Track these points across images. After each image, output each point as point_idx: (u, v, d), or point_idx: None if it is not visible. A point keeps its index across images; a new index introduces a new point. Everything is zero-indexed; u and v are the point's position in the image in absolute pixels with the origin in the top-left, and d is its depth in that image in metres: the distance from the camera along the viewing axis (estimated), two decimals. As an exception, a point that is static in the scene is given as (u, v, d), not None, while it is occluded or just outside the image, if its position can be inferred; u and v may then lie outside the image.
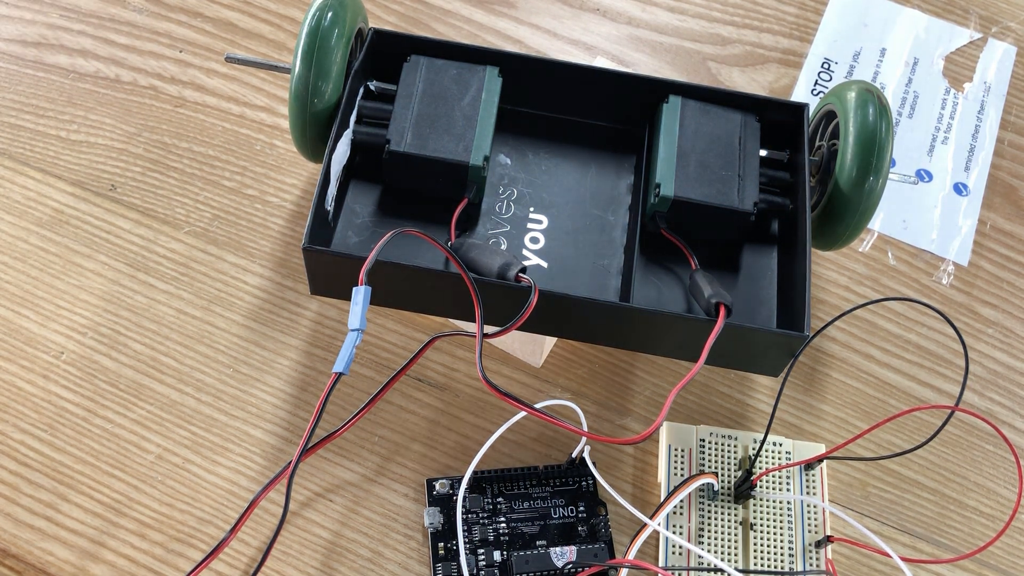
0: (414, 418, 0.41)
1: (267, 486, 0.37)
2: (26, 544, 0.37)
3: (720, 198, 0.40)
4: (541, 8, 0.54)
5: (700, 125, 0.42)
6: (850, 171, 0.39)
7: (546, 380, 0.42)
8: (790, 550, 0.38)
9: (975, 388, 0.44)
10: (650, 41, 0.54)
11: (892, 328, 0.45)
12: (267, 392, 0.41)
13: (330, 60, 0.39)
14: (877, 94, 0.40)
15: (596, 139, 0.44)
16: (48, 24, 0.50)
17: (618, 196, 0.43)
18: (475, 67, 0.42)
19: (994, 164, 0.51)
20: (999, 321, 0.46)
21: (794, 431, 0.42)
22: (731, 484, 0.39)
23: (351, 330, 0.34)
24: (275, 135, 0.48)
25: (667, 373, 0.43)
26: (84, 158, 0.46)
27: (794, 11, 0.56)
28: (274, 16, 0.52)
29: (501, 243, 0.41)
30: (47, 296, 0.42)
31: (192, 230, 0.45)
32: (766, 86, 0.53)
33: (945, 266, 0.48)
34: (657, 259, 0.41)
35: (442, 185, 0.40)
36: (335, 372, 0.34)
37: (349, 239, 0.40)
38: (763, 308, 0.40)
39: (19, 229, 0.44)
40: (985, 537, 0.41)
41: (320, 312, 0.43)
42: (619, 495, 0.37)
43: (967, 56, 0.55)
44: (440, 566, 0.37)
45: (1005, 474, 0.42)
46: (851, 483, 0.41)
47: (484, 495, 0.38)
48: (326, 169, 0.38)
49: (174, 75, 0.49)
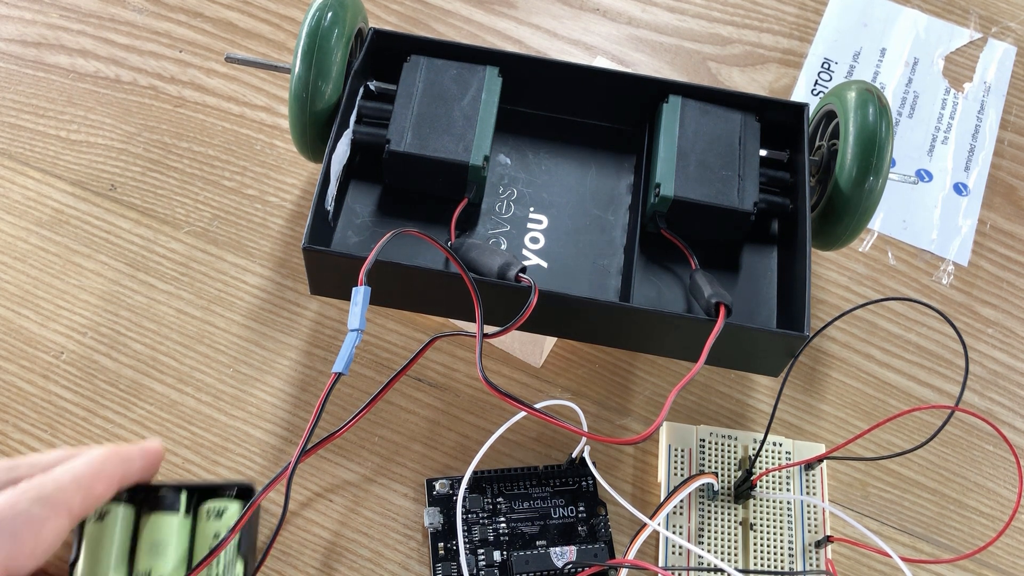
0: (414, 418, 0.41)
1: (268, 486, 0.37)
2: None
3: (720, 198, 0.40)
4: (541, 8, 0.54)
5: (700, 125, 0.42)
6: (850, 171, 0.39)
7: (546, 380, 0.42)
8: (790, 550, 0.38)
9: (975, 388, 0.44)
10: (650, 41, 0.54)
11: (892, 328, 0.45)
12: (267, 392, 0.41)
13: (330, 60, 0.39)
14: (877, 94, 0.40)
15: (596, 139, 0.44)
16: (48, 24, 0.50)
17: (618, 196, 0.43)
18: (475, 67, 0.42)
19: (994, 164, 0.51)
20: (999, 321, 0.46)
21: (794, 431, 0.42)
22: (731, 484, 0.39)
23: (351, 330, 0.34)
24: (275, 135, 0.48)
25: (667, 373, 0.43)
26: (84, 158, 0.46)
27: (794, 11, 0.56)
28: (274, 16, 0.52)
29: (501, 243, 0.41)
30: (47, 296, 0.42)
31: (192, 230, 0.45)
32: (766, 86, 0.53)
33: (945, 266, 0.48)
34: (657, 259, 0.41)
35: (442, 185, 0.40)
36: (335, 372, 0.34)
37: (349, 239, 0.40)
38: (763, 308, 0.40)
39: (19, 229, 0.44)
40: (985, 537, 0.41)
41: (320, 312, 0.43)
42: (619, 495, 0.37)
43: (967, 56, 0.55)
44: (440, 566, 0.37)
45: (1005, 474, 0.42)
46: (851, 483, 0.41)
47: (484, 495, 0.38)
48: (326, 169, 0.38)
49: (174, 75, 0.49)
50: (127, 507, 0.34)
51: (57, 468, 0.31)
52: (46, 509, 0.29)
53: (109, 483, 0.32)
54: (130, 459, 0.33)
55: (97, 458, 0.32)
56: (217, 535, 0.34)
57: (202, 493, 0.35)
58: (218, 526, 0.34)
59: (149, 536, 0.33)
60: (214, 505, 0.34)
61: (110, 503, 0.33)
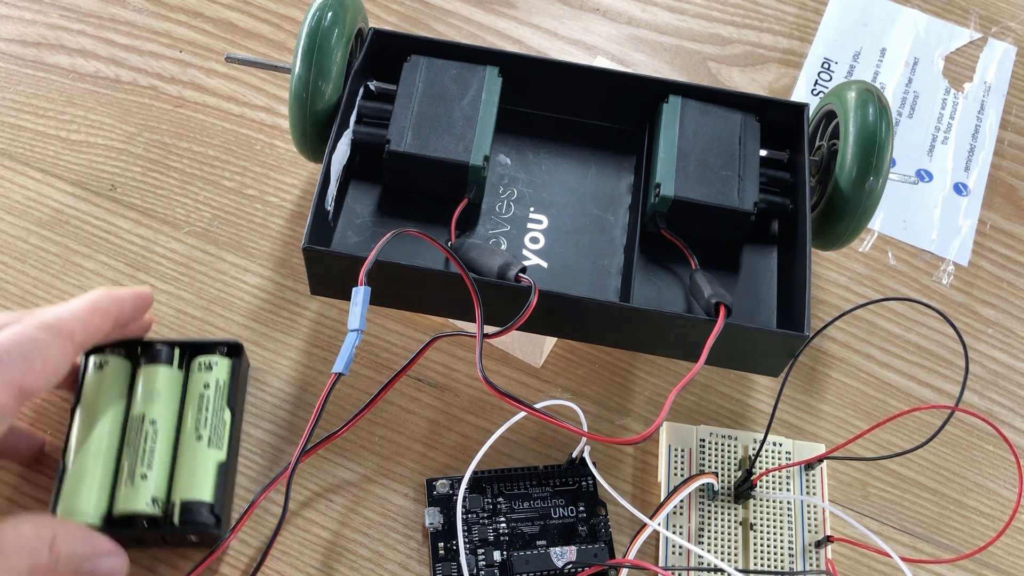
0: (414, 418, 0.41)
1: (267, 486, 0.37)
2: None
3: (720, 198, 0.40)
4: (541, 8, 0.54)
5: (700, 125, 0.42)
6: (850, 171, 0.39)
7: (546, 380, 0.42)
8: (790, 550, 0.38)
9: (975, 388, 0.44)
10: (650, 41, 0.54)
11: (892, 328, 0.45)
12: (267, 392, 0.41)
13: (330, 60, 0.39)
14: (877, 94, 0.40)
15: (596, 139, 0.44)
16: (48, 24, 0.50)
17: (618, 196, 0.43)
18: (475, 67, 0.42)
19: (994, 164, 0.51)
20: (999, 321, 0.46)
21: (794, 431, 0.42)
22: (731, 484, 0.39)
23: (351, 330, 0.34)
24: (275, 135, 0.48)
25: (667, 373, 0.43)
26: (84, 158, 0.46)
27: (794, 11, 0.56)
28: (274, 16, 0.52)
29: (501, 243, 0.41)
30: (47, 296, 0.42)
31: (192, 230, 0.45)
32: (766, 86, 0.53)
33: (945, 266, 0.48)
34: (657, 259, 0.41)
35: (442, 185, 0.40)
36: (335, 373, 0.34)
37: (349, 239, 0.40)
38: (763, 308, 0.40)
39: (19, 229, 0.44)
40: (985, 537, 0.41)
41: (320, 312, 0.43)
42: (619, 495, 0.37)
43: (967, 56, 0.55)
44: (440, 566, 0.37)
45: (1005, 474, 0.42)
46: (851, 483, 0.41)
47: (484, 495, 0.38)
48: (326, 169, 0.38)
49: (174, 75, 0.49)
50: (124, 360, 0.38)
51: (56, 306, 0.34)
52: (50, 334, 0.33)
53: (104, 317, 0.35)
54: (122, 299, 0.36)
55: (91, 296, 0.35)
56: (207, 385, 0.37)
57: (194, 349, 0.38)
58: (207, 377, 0.38)
59: (144, 385, 0.37)
60: (205, 359, 0.38)
61: (109, 355, 0.37)
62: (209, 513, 0.35)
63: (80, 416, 0.36)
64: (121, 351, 0.38)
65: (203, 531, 0.35)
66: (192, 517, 0.35)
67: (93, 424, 0.36)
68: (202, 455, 0.36)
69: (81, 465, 0.35)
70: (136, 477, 0.35)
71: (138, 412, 0.36)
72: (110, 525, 0.35)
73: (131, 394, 0.37)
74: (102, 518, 0.35)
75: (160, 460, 0.36)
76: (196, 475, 0.36)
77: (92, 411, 0.36)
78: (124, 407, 0.37)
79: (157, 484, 0.35)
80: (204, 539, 0.36)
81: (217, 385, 0.38)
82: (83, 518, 0.34)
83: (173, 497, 0.36)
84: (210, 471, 0.36)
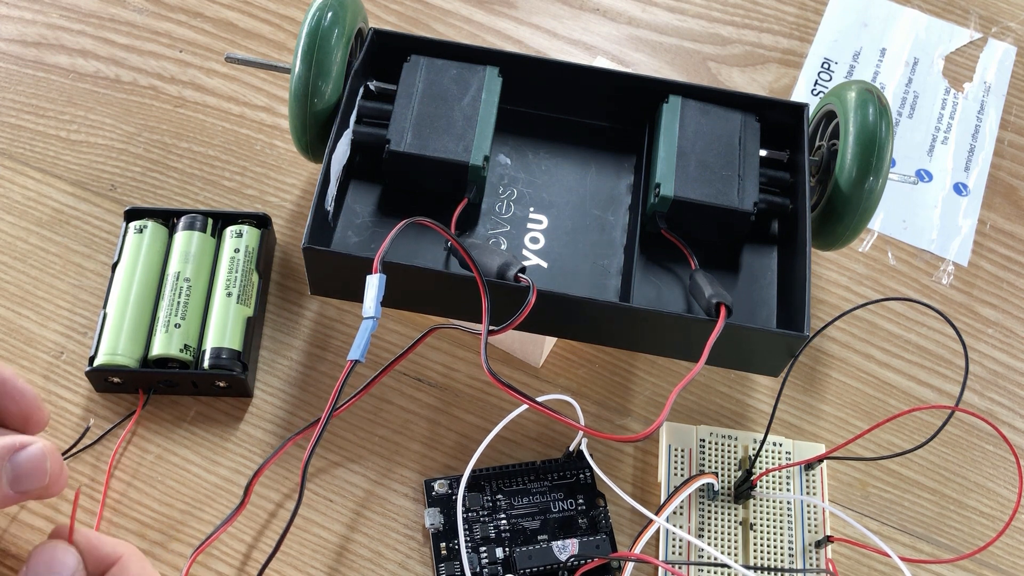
0: (414, 418, 0.41)
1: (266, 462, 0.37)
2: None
3: (720, 198, 0.40)
4: (541, 8, 0.54)
5: (700, 125, 0.42)
6: (850, 171, 0.39)
7: (546, 380, 0.42)
8: (790, 550, 0.38)
9: (975, 388, 0.44)
10: (650, 41, 0.54)
11: (892, 328, 0.45)
12: (267, 392, 0.41)
13: (330, 60, 0.39)
14: (877, 94, 0.40)
15: (596, 139, 0.44)
16: (48, 24, 0.50)
17: (618, 196, 0.43)
18: (475, 67, 0.42)
19: (994, 164, 0.51)
20: (999, 321, 0.46)
21: (794, 431, 0.42)
22: (731, 484, 0.39)
23: (366, 318, 0.34)
24: (275, 135, 0.48)
25: (667, 373, 0.43)
26: (84, 158, 0.46)
27: (794, 11, 0.56)
28: (274, 16, 0.52)
29: (501, 243, 0.41)
30: (47, 296, 0.42)
31: (192, 230, 0.45)
32: (766, 86, 0.53)
33: (945, 266, 0.48)
34: (657, 259, 0.41)
35: (442, 185, 0.40)
36: (350, 360, 0.34)
37: (349, 239, 0.40)
38: (763, 308, 0.40)
39: (19, 229, 0.44)
40: (985, 537, 0.41)
41: (320, 312, 0.43)
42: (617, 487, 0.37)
43: (967, 56, 0.55)
44: (443, 566, 0.37)
45: (1005, 474, 0.42)
46: (851, 483, 0.41)
47: (483, 493, 0.38)
48: (326, 169, 0.38)
49: (174, 75, 0.49)
50: (161, 226, 0.42)
51: None
52: None
53: None
54: None
55: None
56: (237, 250, 0.41)
57: (226, 220, 0.42)
58: (238, 243, 0.41)
59: (180, 248, 0.41)
60: (235, 228, 0.42)
61: (147, 220, 0.41)
62: (236, 360, 0.39)
63: (121, 274, 0.40)
64: (159, 218, 0.42)
65: (231, 376, 0.39)
66: (221, 362, 0.38)
67: (132, 280, 0.40)
68: (232, 309, 0.40)
69: (120, 314, 0.39)
70: (170, 326, 0.39)
71: (173, 271, 0.40)
72: (144, 366, 0.39)
73: (167, 256, 0.41)
74: (138, 361, 0.39)
75: (192, 313, 0.39)
76: (226, 326, 0.39)
77: (131, 269, 0.40)
78: (160, 267, 0.41)
79: (189, 333, 0.39)
80: (232, 384, 0.39)
81: (246, 251, 0.41)
82: (121, 360, 0.38)
83: (204, 345, 0.39)
84: (239, 323, 0.39)
